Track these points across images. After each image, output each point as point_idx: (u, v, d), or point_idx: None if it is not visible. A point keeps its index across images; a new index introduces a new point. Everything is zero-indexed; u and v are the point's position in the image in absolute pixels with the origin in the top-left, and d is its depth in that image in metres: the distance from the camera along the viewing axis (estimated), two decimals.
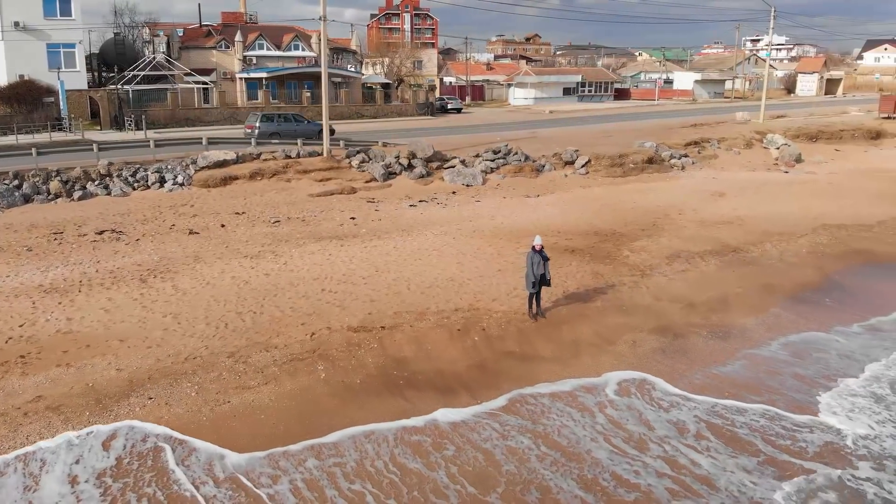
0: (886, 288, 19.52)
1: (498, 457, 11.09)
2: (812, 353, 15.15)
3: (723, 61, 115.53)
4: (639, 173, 33.85)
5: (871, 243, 23.31)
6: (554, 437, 11.69)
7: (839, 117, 54.36)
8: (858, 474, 10.80)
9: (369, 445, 11.35)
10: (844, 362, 14.76)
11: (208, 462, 10.78)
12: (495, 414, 12.40)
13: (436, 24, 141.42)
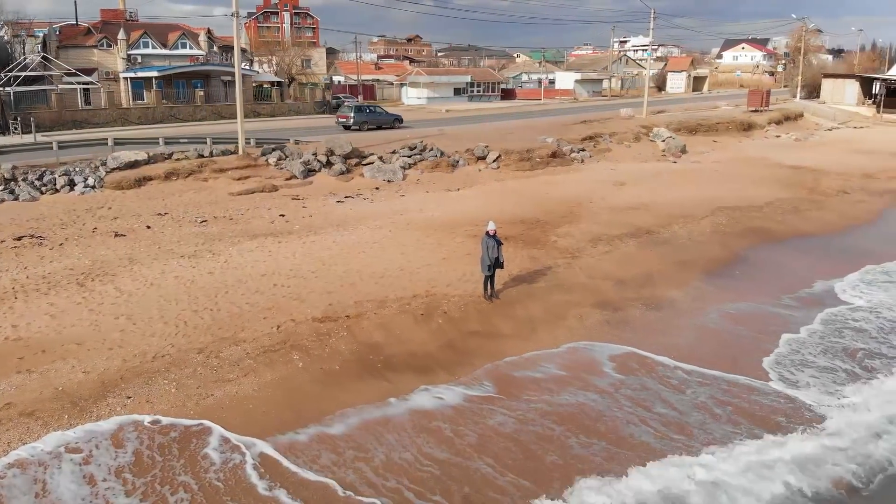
0: (786, 260, 21.99)
1: (493, 417, 11.86)
2: (741, 322, 16.98)
3: (596, 62, 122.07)
4: (545, 167, 35.63)
5: (763, 222, 26.01)
6: (539, 397, 12.61)
7: (712, 112, 59.21)
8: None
9: (380, 428, 11.78)
10: (774, 328, 16.67)
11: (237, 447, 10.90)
12: (478, 379, 13.19)
13: (317, 23, 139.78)
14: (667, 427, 11.91)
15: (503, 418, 12.10)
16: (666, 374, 13.90)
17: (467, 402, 12.61)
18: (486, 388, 13.11)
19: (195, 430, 11.35)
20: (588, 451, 11.21)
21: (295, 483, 10.20)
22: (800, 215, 27.46)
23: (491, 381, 13.38)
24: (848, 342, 15.74)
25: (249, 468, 10.43)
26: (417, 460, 10.86)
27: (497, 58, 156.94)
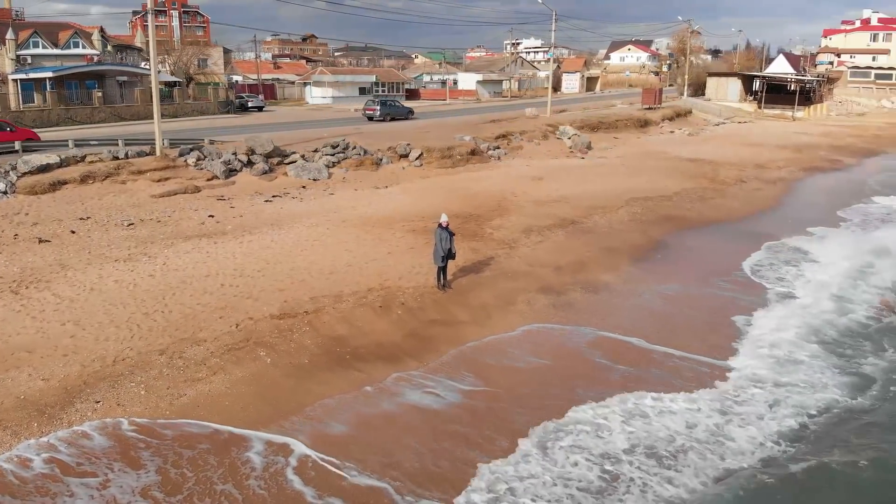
0: (701, 244, 23.83)
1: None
2: (673, 301, 18.35)
3: (493, 63, 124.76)
4: (465, 164, 36.50)
5: (674, 210, 27.92)
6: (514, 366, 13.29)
7: (610, 110, 62.24)
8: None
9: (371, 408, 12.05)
10: (710, 306, 18.12)
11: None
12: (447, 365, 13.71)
13: (207, 21, 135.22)
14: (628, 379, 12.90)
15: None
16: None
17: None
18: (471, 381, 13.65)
19: (190, 429, 11.24)
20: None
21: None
22: (706, 203, 29.65)
23: (471, 373, 13.81)
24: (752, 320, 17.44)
25: (290, 472, 10.42)
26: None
27: (396, 58, 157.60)
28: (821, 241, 24.42)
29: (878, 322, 16.98)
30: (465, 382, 13.23)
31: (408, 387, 13.01)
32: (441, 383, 13.17)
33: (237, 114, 57.78)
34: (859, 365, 14.52)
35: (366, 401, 12.49)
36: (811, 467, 10.80)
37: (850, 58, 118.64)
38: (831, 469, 10.76)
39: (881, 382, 13.72)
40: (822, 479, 10.59)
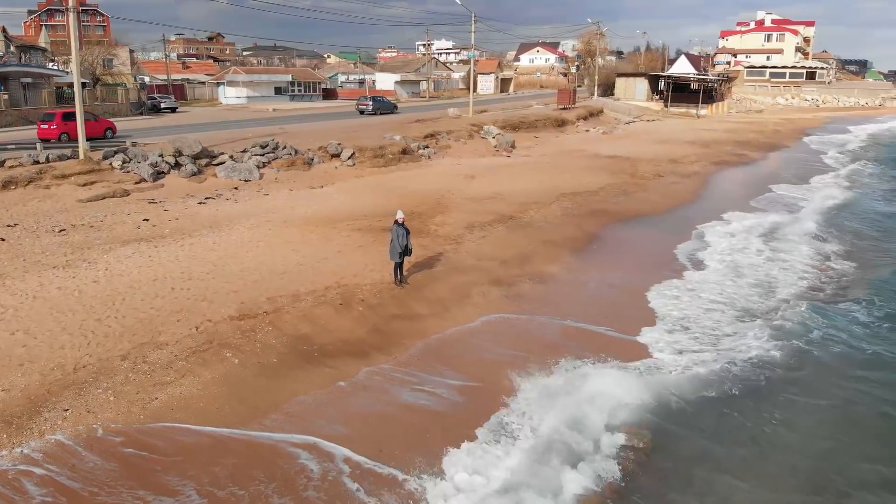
0: (631, 236, 25.07)
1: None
2: (610, 289, 19.34)
3: (408, 63, 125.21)
4: (397, 163, 36.78)
5: (602, 204, 29.21)
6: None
7: (527, 110, 63.92)
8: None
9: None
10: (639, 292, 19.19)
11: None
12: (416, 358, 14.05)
13: (107, 20, 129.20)
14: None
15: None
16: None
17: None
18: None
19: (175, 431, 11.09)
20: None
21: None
22: (630, 197, 31.15)
23: (444, 364, 14.19)
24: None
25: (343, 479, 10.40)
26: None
27: (308, 58, 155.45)
28: (739, 226, 26.29)
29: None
30: (444, 376, 13.60)
31: (384, 381, 13.27)
32: (417, 376, 13.51)
33: (150, 115, 55.73)
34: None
35: (346, 396, 12.66)
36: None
37: (745, 58, 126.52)
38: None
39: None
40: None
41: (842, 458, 11.42)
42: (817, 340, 15.63)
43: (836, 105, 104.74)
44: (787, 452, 11.54)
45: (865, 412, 12.89)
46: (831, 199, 33.36)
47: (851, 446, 11.73)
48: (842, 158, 49.98)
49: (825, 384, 13.85)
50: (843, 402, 13.19)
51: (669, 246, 23.41)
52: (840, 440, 11.91)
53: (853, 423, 12.49)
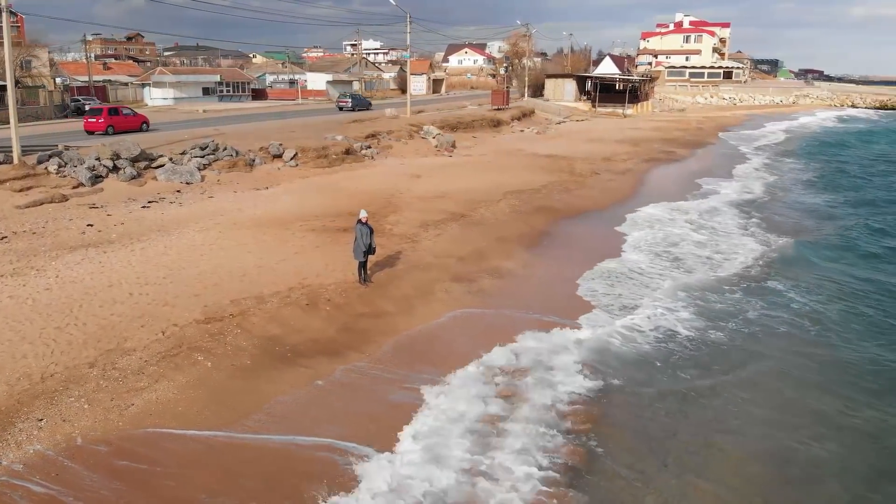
0: (577, 231, 25.90)
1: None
2: (563, 283, 20.03)
3: (338, 63, 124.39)
4: (341, 163, 36.68)
5: (546, 202, 30.01)
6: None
7: (462, 111, 64.61)
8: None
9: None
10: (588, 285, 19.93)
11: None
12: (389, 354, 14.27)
13: (21, 20, 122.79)
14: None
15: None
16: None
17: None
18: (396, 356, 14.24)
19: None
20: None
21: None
22: (572, 194, 32.11)
23: (419, 360, 14.47)
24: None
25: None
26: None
27: (233, 58, 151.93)
28: (675, 216, 27.61)
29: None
30: (421, 371, 13.87)
31: (362, 378, 13.44)
32: (395, 373, 13.73)
33: (75, 118, 53.43)
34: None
35: (326, 395, 12.76)
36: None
37: (666, 58, 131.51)
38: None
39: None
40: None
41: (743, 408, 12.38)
42: (739, 314, 16.80)
43: (752, 103, 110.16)
44: (703, 403, 12.40)
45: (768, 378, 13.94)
46: (752, 189, 35.65)
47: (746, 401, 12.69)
48: (761, 153, 52.95)
49: (741, 350, 14.88)
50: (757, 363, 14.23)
51: (614, 239, 24.37)
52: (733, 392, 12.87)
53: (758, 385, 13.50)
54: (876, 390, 13.69)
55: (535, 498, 10.13)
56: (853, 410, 12.90)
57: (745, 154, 52.18)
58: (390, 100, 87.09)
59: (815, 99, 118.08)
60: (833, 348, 15.68)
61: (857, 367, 14.70)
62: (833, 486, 10.82)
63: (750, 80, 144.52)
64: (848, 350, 15.58)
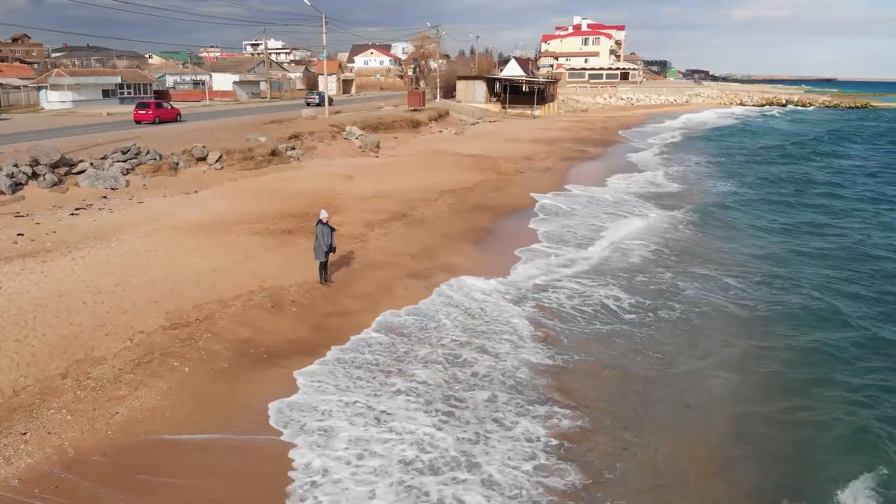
0: (511, 226, 26.85)
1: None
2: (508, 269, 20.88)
3: (241, 63, 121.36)
4: (268, 165, 36.18)
5: (481, 200, 30.86)
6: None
7: (378, 111, 64.65)
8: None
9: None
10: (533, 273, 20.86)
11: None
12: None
13: None
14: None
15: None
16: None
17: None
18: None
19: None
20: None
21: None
22: (503, 192, 33.14)
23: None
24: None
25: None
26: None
27: (128, 58, 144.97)
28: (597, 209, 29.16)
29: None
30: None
31: (343, 374, 13.68)
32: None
33: None
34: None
35: (312, 392, 12.92)
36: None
37: (566, 60, 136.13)
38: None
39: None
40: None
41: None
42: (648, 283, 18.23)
43: (649, 103, 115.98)
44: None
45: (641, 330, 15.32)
46: (660, 177, 38.87)
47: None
48: (664, 146, 56.68)
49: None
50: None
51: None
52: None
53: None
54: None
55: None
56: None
57: (650, 147, 55.56)
58: (299, 100, 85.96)
59: (706, 98, 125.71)
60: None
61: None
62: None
63: (645, 81, 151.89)
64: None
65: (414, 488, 10.16)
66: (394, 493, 10.05)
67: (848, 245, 25.45)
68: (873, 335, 16.40)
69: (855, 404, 12.99)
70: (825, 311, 17.98)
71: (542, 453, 11.19)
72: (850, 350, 15.57)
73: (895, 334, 16.57)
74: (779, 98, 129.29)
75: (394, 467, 10.65)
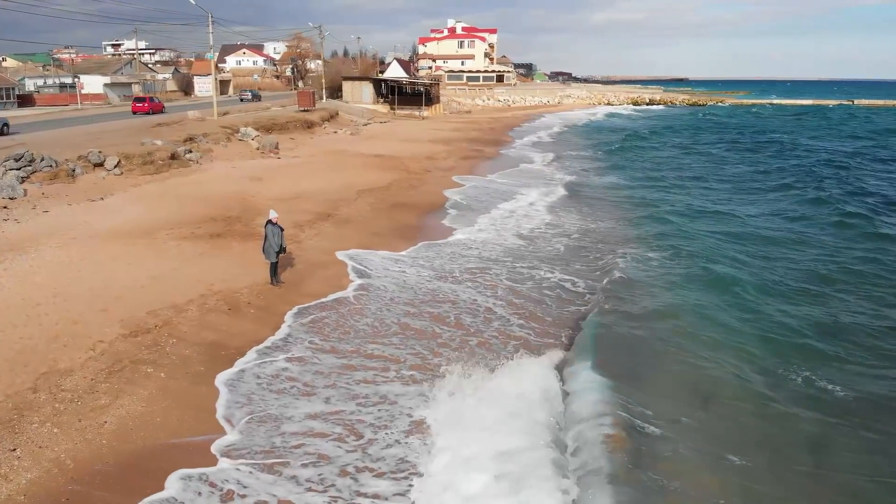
0: (432, 222, 27.64)
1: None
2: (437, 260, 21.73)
3: (107, 64, 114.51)
4: (169, 169, 34.83)
5: (400, 198, 31.43)
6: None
7: (268, 112, 63.21)
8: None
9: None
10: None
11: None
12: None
13: None
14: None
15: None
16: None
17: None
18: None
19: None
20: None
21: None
22: (417, 190, 33.88)
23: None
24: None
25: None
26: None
27: None
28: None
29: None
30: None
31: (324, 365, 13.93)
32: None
33: None
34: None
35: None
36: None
37: (444, 63, 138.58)
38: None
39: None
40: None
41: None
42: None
43: (524, 104, 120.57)
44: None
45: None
46: (550, 169, 41.36)
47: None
48: (551, 141, 60.27)
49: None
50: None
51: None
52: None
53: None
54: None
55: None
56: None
57: (541, 142, 58.86)
58: (174, 102, 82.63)
59: (577, 98, 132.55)
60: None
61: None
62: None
63: (519, 84, 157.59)
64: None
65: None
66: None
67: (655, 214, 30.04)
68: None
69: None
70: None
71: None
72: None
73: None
74: (642, 97, 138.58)
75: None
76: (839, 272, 21.39)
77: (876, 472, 10.92)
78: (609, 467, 10.32)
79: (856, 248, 24.62)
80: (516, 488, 9.72)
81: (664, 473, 10.44)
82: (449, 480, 10.04)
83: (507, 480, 9.91)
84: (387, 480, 10.34)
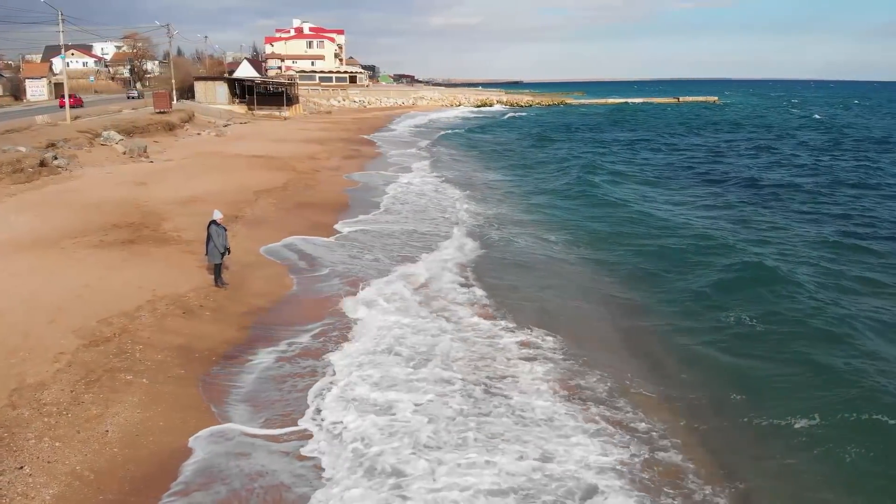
0: (328, 219, 27.93)
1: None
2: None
3: None
4: (40, 176, 32.14)
5: (301, 198, 31.20)
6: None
7: (123, 114, 59.44)
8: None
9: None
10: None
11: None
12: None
13: None
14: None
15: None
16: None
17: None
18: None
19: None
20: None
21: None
22: (314, 190, 33.76)
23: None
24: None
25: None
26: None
27: None
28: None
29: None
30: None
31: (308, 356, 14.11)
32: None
33: None
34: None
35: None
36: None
37: (293, 63, 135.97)
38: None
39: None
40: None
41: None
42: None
43: (380, 105, 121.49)
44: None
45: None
46: (427, 161, 43.92)
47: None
48: (419, 140, 63.17)
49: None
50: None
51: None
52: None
53: None
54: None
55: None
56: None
57: (408, 140, 60.97)
58: (8, 108, 75.31)
59: (430, 100, 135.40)
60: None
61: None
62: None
63: (371, 85, 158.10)
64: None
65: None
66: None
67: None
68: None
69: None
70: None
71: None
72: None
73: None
74: (490, 99, 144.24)
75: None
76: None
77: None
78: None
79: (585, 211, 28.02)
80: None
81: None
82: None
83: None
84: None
